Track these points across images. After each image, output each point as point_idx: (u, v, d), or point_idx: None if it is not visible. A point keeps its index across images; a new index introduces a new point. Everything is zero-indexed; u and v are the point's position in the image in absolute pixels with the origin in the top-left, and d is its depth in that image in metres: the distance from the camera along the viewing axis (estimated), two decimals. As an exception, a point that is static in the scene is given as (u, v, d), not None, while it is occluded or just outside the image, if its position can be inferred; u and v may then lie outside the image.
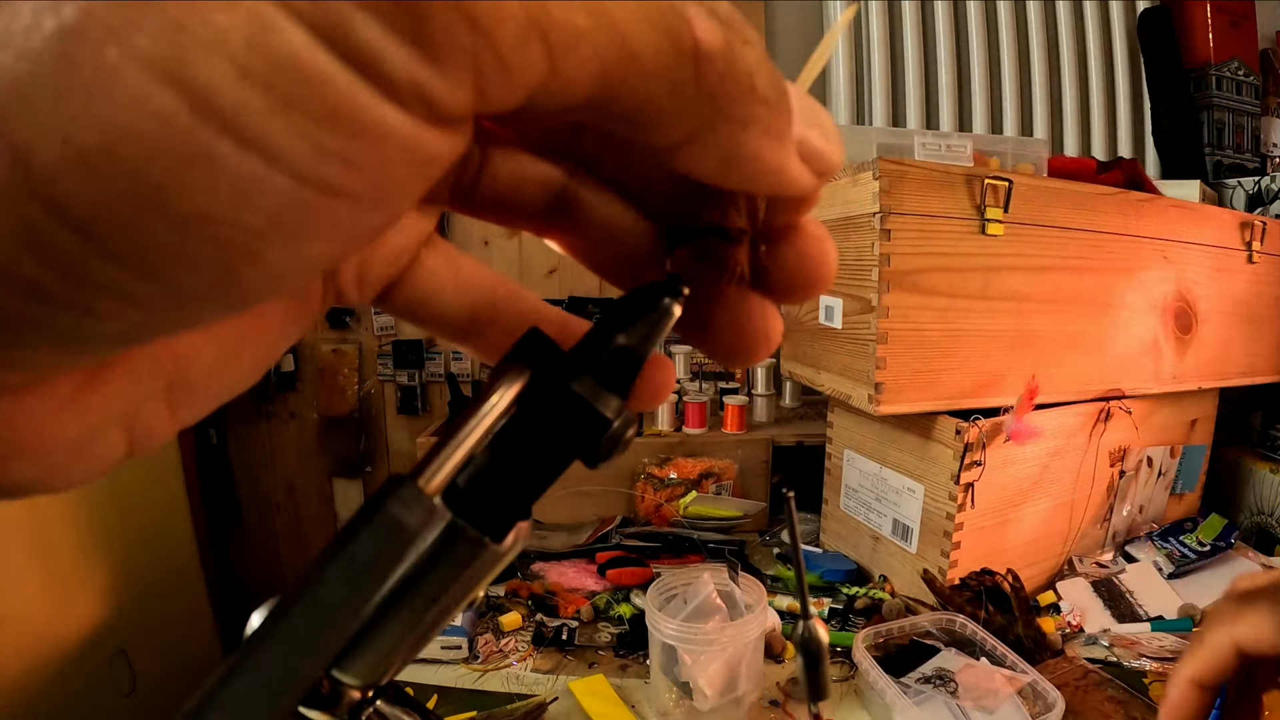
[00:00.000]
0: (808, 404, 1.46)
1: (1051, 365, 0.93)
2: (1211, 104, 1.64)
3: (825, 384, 0.99)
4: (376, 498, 0.15)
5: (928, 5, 1.68)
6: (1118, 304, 0.98)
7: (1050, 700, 0.70)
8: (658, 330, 0.17)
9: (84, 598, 1.22)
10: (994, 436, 0.87)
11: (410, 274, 0.17)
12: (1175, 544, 1.08)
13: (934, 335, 0.85)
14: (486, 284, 0.18)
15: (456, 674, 0.86)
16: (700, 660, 0.73)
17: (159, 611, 1.37)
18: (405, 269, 0.17)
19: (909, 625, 0.84)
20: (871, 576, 1.04)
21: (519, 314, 0.19)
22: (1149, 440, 1.08)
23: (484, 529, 0.16)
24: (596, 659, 0.90)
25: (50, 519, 1.17)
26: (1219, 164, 1.65)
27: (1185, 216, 1.04)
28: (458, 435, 0.15)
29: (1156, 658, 0.86)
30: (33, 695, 1.10)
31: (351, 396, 1.78)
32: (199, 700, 0.14)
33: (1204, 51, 1.63)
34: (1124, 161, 1.30)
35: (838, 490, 1.11)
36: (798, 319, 1.07)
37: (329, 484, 1.85)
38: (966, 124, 1.71)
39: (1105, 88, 1.71)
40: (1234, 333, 1.13)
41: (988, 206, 0.85)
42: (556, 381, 0.16)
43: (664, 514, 1.22)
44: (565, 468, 0.17)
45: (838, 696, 0.81)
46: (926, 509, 0.92)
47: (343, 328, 1.77)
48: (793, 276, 0.17)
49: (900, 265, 0.82)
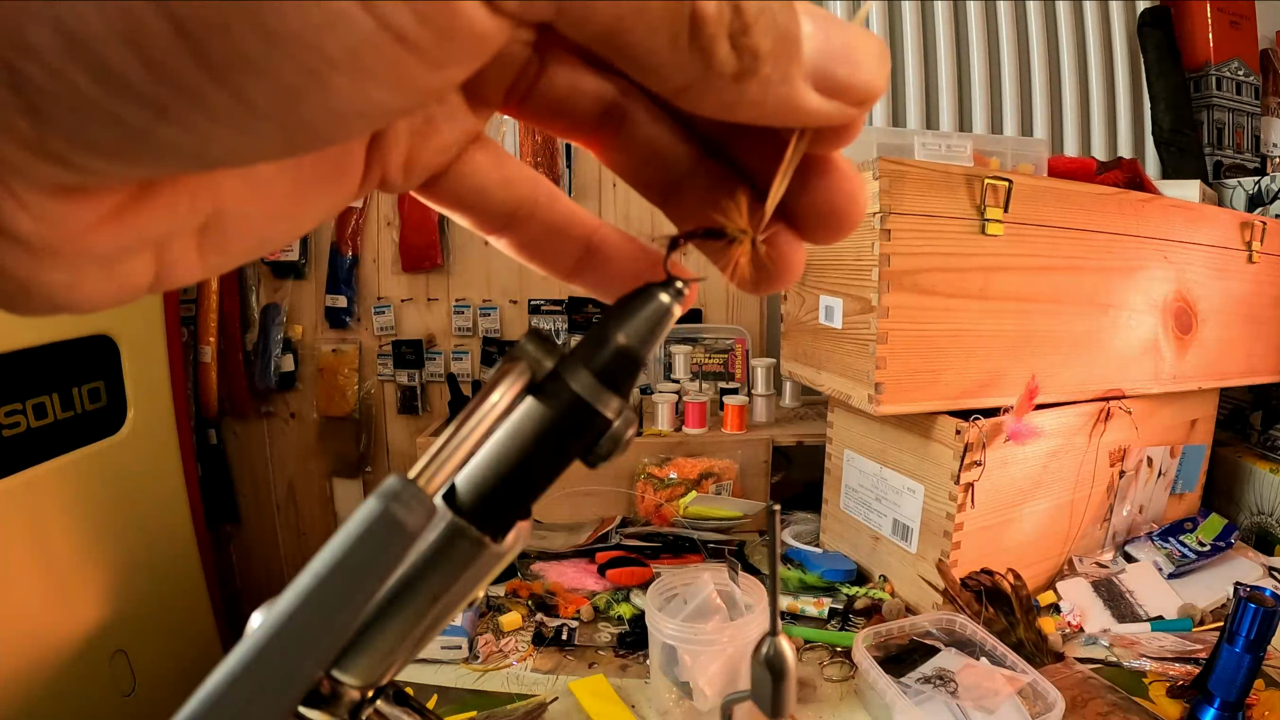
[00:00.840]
0: (808, 404, 1.46)
1: (1051, 365, 0.93)
2: (1211, 104, 1.64)
3: (825, 384, 0.99)
4: (376, 497, 0.15)
5: (928, 5, 1.68)
6: (1118, 304, 0.98)
7: (1050, 700, 0.70)
8: (658, 330, 0.17)
9: (84, 598, 1.22)
10: (994, 436, 0.87)
11: (457, 167, 0.18)
12: (1175, 544, 1.08)
13: (934, 335, 0.85)
14: (529, 184, 0.20)
15: (456, 674, 0.86)
16: (700, 660, 0.73)
17: (159, 611, 1.37)
18: (452, 161, 0.18)
19: (909, 625, 0.84)
20: (871, 576, 1.04)
21: (557, 214, 0.20)
22: (1149, 440, 1.08)
23: (484, 529, 0.16)
24: (596, 659, 0.90)
25: (50, 519, 1.17)
26: (1219, 164, 1.65)
27: (1185, 216, 1.04)
28: (458, 435, 0.15)
29: (1156, 658, 0.86)
30: (33, 695, 1.10)
31: (351, 396, 1.78)
32: (199, 700, 0.14)
33: (1204, 51, 1.63)
34: (1124, 161, 1.30)
35: (838, 490, 1.11)
36: (798, 319, 1.07)
37: (329, 484, 1.85)
38: (966, 124, 1.71)
39: (1105, 88, 1.71)
40: (1234, 333, 1.13)
41: (988, 206, 0.85)
42: (557, 381, 0.16)
43: (664, 514, 1.21)
44: (565, 468, 0.17)
45: (838, 696, 0.81)
46: (926, 509, 0.92)
47: (343, 328, 1.77)
48: (822, 214, 0.17)
49: (900, 265, 0.82)
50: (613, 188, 1.71)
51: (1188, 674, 0.81)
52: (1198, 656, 0.85)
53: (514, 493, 0.17)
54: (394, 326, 1.76)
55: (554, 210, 0.20)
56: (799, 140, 0.16)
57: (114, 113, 0.11)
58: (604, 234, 0.20)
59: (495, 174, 0.19)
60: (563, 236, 0.20)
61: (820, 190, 0.17)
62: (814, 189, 0.17)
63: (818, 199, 0.17)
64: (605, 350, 0.16)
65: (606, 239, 0.20)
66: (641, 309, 0.17)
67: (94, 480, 1.26)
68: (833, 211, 0.17)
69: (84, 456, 1.23)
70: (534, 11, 0.12)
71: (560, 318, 1.73)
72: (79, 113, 0.11)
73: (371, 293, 1.76)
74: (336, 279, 1.73)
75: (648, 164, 0.19)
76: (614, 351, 0.16)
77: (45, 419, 1.17)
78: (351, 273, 1.73)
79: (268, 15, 0.10)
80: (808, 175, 0.17)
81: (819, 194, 0.17)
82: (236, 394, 1.77)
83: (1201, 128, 1.64)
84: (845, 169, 0.17)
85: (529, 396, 0.16)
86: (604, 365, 0.16)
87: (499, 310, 1.74)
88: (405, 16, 0.11)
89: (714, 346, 1.60)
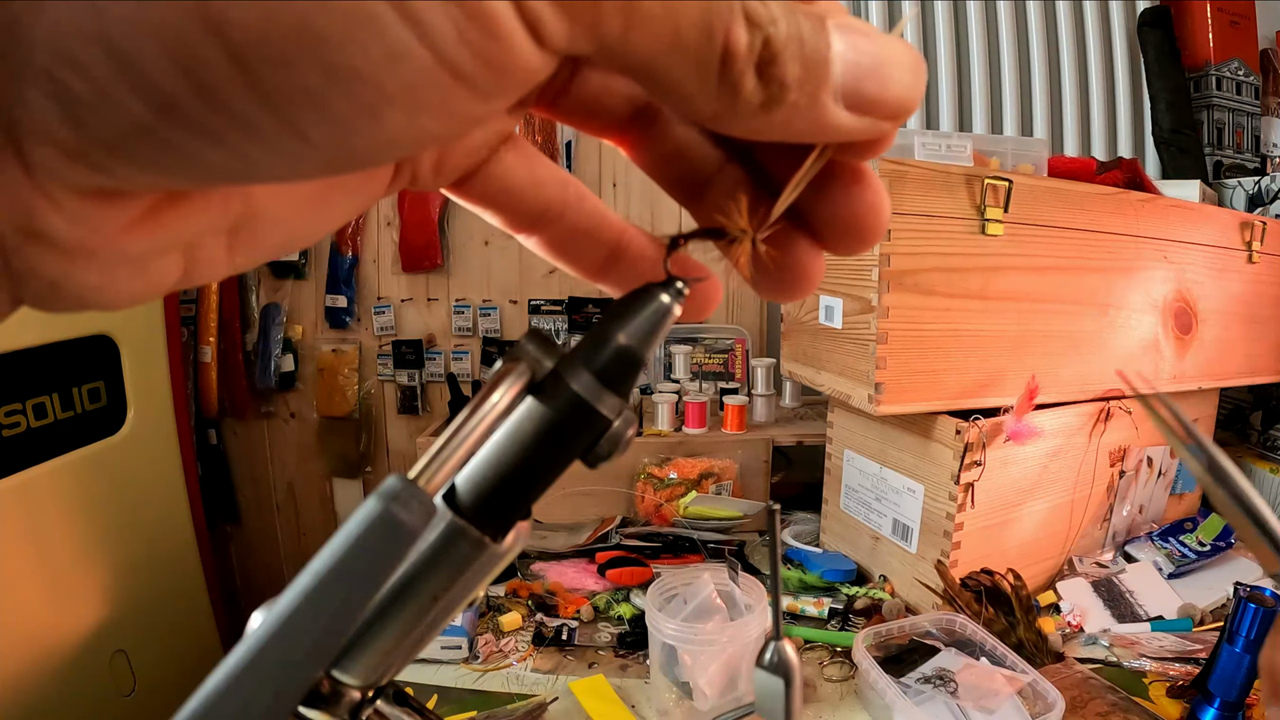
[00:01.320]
0: (808, 404, 1.46)
1: (1051, 365, 0.93)
2: (1211, 104, 1.64)
3: (825, 384, 0.99)
4: (376, 497, 0.15)
5: (928, 5, 1.68)
6: (1118, 304, 0.98)
7: (1050, 700, 0.70)
8: (658, 330, 0.17)
9: (84, 598, 1.22)
10: (994, 436, 0.87)
11: (487, 167, 0.19)
12: (1175, 544, 1.08)
13: (934, 335, 0.85)
14: (558, 184, 0.20)
15: (456, 674, 0.86)
16: (700, 660, 0.73)
17: (159, 611, 1.37)
18: (483, 162, 0.18)
19: (909, 625, 0.84)
20: (871, 576, 1.04)
21: (585, 214, 0.20)
22: (1149, 440, 1.08)
23: (484, 529, 0.16)
24: (596, 659, 0.90)
25: (50, 519, 1.17)
26: (1219, 164, 1.65)
27: (1185, 216, 1.04)
28: (458, 435, 0.15)
29: (1156, 658, 0.86)
30: (33, 695, 1.10)
31: (351, 396, 1.78)
32: (199, 700, 0.14)
33: (1204, 51, 1.63)
34: (1124, 161, 1.30)
35: (838, 490, 1.11)
36: (798, 319, 1.07)
37: (329, 484, 1.85)
38: (966, 124, 1.71)
39: (1105, 88, 1.71)
40: (1234, 333, 1.13)
41: (988, 206, 0.85)
42: (557, 381, 0.16)
43: (664, 514, 1.21)
44: (565, 467, 0.17)
45: (838, 696, 0.81)
46: (926, 509, 0.92)
47: (343, 328, 1.77)
48: (844, 224, 0.17)
49: (900, 265, 0.82)
50: (613, 187, 1.71)
51: (1188, 674, 0.81)
52: (1198, 656, 0.85)
53: (514, 493, 0.17)
54: (394, 326, 1.76)
55: (582, 211, 0.20)
56: (820, 153, 0.16)
57: (161, 134, 0.11)
58: (631, 235, 0.20)
59: (525, 174, 0.19)
60: (591, 237, 0.20)
61: (843, 201, 0.17)
62: (838, 199, 0.17)
63: (841, 210, 0.17)
64: (605, 350, 0.16)
65: (633, 240, 0.20)
66: (642, 309, 0.17)
67: (94, 480, 1.26)
68: (854, 223, 0.17)
69: (84, 456, 1.23)
70: (577, 47, 0.12)
71: (560, 318, 1.73)
72: (124, 130, 0.11)
73: (371, 293, 1.76)
74: (336, 279, 1.73)
75: (675, 164, 0.19)
76: (614, 351, 0.16)
77: (45, 419, 1.17)
78: (351, 273, 1.73)
79: (331, 51, 0.11)
80: (833, 184, 0.17)
81: (842, 205, 0.17)
82: (236, 394, 1.77)
83: (1201, 128, 1.64)
84: (872, 180, 0.17)
85: (529, 396, 0.16)
86: (604, 365, 0.16)
87: (499, 310, 1.74)
88: (463, 53, 0.11)
89: (714, 346, 1.60)
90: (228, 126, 0.11)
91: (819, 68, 0.14)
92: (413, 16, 0.11)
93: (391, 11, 0.10)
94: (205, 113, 0.11)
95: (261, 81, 0.11)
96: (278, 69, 0.10)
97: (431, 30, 0.11)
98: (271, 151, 0.12)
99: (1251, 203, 1.37)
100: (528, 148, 0.19)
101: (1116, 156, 1.62)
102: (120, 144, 0.11)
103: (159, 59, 0.10)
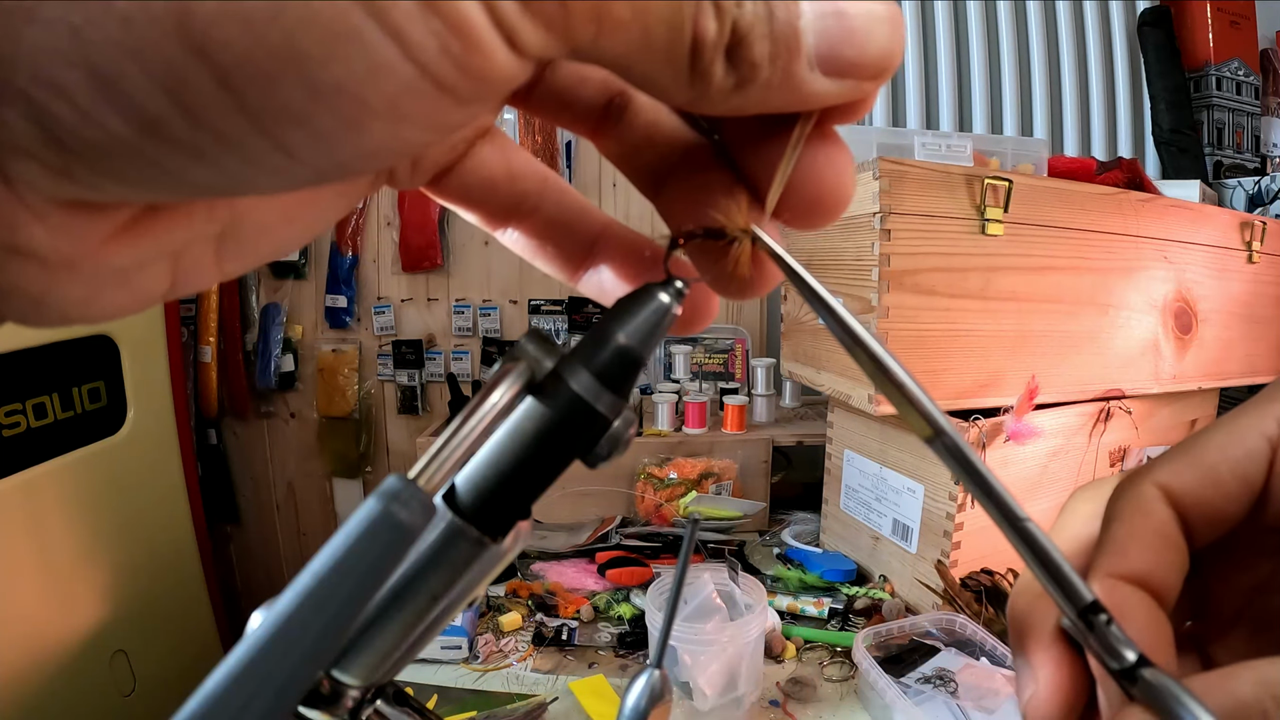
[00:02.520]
0: (808, 404, 1.46)
1: (1051, 365, 0.93)
2: (1211, 104, 1.64)
3: (825, 384, 0.99)
4: (376, 497, 0.15)
5: (928, 5, 1.68)
6: (1118, 304, 0.98)
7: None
8: (658, 330, 0.17)
9: (84, 598, 1.22)
10: (994, 436, 0.87)
11: (464, 163, 0.19)
12: (1175, 544, 1.08)
13: (934, 335, 0.85)
14: (536, 177, 0.20)
15: (456, 674, 0.86)
16: (700, 660, 0.73)
17: (159, 611, 1.37)
18: (460, 158, 0.18)
19: (909, 625, 0.84)
20: (871, 576, 1.04)
21: (566, 206, 0.20)
22: (1149, 440, 1.08)
23: (484, 529, 0.16)
24: (596, 659, 0.90)
25: (50, 519, 1.17)
26: (1219, 164, 1.65)
27: (1185, 216, 1.04)
28: (458, 435, 0.15)
29: (1156, 658, 0.86)
30: (33, 695, 1.10)
31: (351, 396, 1.78)
32: (199, 700, 0.14)
33: (1204, 51, 1.63)
34: (1124, 161, 1.30)
35: (838, 490, 1.11)
36: (798, 319, 1.07)
37: (329, 484, 1.85)
38: (966, 124, 1.71)
39: (1105, 88, 1.71)
40: (1234, 333, 1.13)
41: (988, 206, 0.85)
42: (557, 381, 0.16)
43: (664, 514, 1.21)
44: (565, 467, 0.17)
45: (838, 696, 0.81)
46: (926, 509, 0.92)
47: (343, 328, 1.77)
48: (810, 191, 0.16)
49: (900, 265, 0.82)
50: (613, 187, 1.71)
51: (1188, 674, 0.81)
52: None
53: (514, 493, 0.17)
54: (394, 326, 1.76)
55: (562, 204, 0.20)
56: (804, 123, 0.15)
57: (146, 154, 0.11)
58: (614, 231, 0.20)
59: (502, 167, 0.19)
60: (571, 230, 0.20)
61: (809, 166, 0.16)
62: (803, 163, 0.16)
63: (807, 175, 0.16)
64: (605, 350, 0.16)
65: (617, 236, 0.20)
66: (641, 309, 0.17)
67: (94, 480, 1.26)
68: (822, 188, 0.16)
69: (84, 456, 1.23)
70: (551, 52, 0.12)
71: (560, 318, 1.73)
72: (107, 149, 0.11)
73: (371, 293, 1.76)
74: (336, 279, 1.73)
75: (650, 153, 0.19)
76: (614, 351, 0.16)
77: (45, 419, 1.17)
78: (351, 273, 1.73)
79: (315, 68, 0.11)
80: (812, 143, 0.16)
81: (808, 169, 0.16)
82: (236, 394, 1.77)
83: (1201, 128, 1.64)
84: (838, 140, 0.16)
85: (529, 396, 0.16)
86: (604, 365, 0.16)
87: (499, 310, 1.74)
88: (444, 64, 0.11)
89: (714, 346, 1.60)
90: (213, 144, 0.11)
91: (790, 40, 0.13)
92: (395, 31, 0.11)
93: (374, 27, 0.11)
94: (191, 132, 0.11)
95: (247, 100, 0.11)
96: (263, 87, 0.11)
97: (413, 44, 0.11)
98: (257, 167, 0.12)
99: (1251, 203, 1.37)
100: (505, 140, 0.19)
101: (1116, 156, 1.62)
102: (104, 162, 0.11)
103: (142, 81, 0.10)
